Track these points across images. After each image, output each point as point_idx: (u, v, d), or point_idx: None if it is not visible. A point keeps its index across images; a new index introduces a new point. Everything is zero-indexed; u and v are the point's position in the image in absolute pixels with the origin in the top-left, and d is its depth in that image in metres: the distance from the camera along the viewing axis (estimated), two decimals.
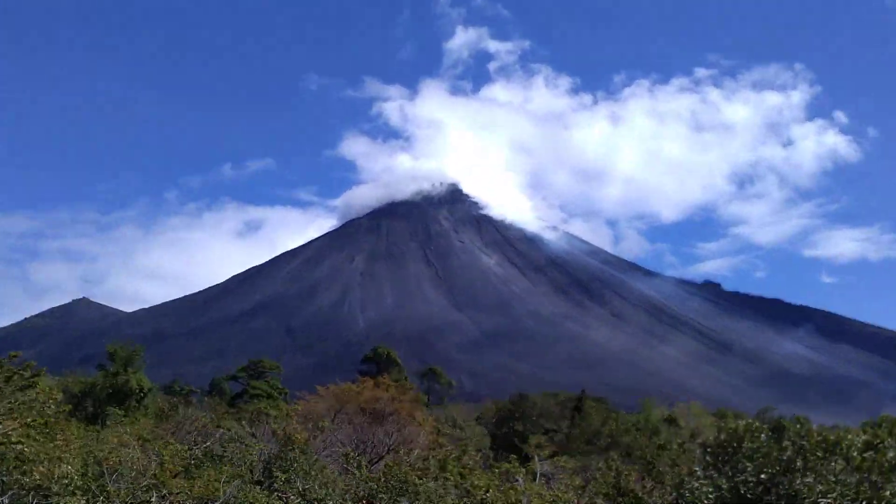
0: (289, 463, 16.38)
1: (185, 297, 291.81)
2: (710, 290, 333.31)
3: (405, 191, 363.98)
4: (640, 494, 14.70)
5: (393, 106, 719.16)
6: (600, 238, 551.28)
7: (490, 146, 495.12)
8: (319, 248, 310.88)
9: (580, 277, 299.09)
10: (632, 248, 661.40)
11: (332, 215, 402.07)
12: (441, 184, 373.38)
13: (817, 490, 11.26)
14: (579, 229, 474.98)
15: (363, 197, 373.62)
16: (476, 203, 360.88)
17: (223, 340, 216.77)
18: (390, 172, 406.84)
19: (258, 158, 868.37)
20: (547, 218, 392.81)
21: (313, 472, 16.27)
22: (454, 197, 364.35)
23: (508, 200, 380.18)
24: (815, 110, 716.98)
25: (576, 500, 16.22)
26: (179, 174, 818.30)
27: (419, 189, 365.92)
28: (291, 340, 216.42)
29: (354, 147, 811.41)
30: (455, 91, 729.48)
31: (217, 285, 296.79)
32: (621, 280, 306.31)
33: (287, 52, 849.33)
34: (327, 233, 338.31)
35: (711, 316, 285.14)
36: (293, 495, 15.15)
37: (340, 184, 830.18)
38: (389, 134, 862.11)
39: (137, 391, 45.70)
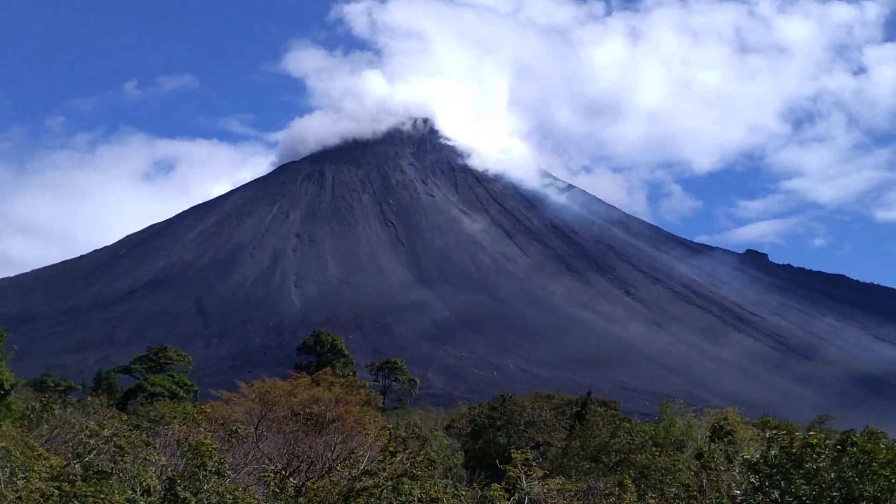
0: (199, 483, 16.41)
1: (65, 262, 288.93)
2: (752, 261, 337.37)
3: (379, 124, 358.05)
4: None
5: (358, 8, 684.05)
6: (628, 197, 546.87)
7: (486, 70, 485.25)
8: (243, 200, 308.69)
9: (590, 248, 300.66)
10: (675, 207, 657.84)
11: (274, 153, 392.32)
12: (425, 121, 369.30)
13: None
14: (596, 183, 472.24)
15: (316, 129, 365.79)
16: (452, 147, 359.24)
17: (113, 322, 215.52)
18: (356, 98, 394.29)
19: (174, 75, 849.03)
20: (550, 166, 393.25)
21: (230, 496, 16.33)
22: (423, 136, 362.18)
23: (499, 143, 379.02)
24: None
25: None
26: (66, 95, 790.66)
27: (398, 123, 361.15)
28: (204, 323, 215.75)
29: (305, 61, 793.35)
30: None
31: (107, 248, 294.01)
32: (650, 254, 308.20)
33: None
34: (252, 181, 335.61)
35: (766, 300, 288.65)
36: None
37: (285, 110, 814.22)
38: (353, 44, 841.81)
39: None
